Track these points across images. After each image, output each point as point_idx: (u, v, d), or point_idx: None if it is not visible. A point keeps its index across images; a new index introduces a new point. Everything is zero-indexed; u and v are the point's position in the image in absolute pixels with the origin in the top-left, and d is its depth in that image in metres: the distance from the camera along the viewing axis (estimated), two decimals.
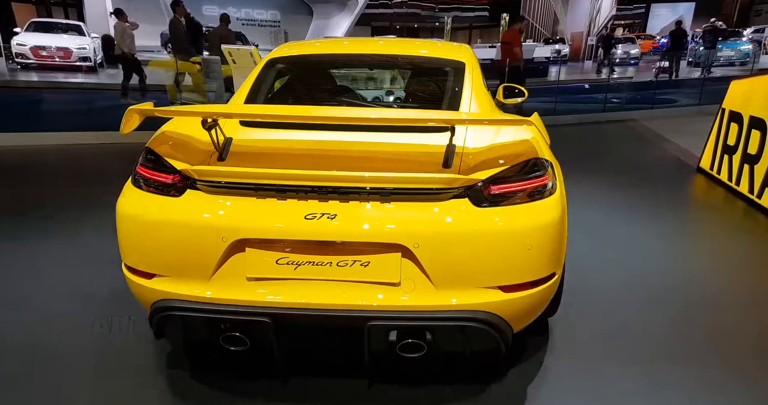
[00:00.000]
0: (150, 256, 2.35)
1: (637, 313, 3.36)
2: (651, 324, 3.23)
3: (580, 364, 2.83)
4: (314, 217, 2.21)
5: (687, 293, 3.65)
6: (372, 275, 2.26)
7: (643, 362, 2.86)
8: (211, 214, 2.25)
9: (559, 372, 2.77)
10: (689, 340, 3.08)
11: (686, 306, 3.48)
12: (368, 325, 2.24)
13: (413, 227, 2.22)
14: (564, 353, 2.92)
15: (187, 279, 2.32)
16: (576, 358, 2.88)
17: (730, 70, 21.54)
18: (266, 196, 2.26)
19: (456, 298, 2.27)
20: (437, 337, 2.33)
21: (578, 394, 2.62)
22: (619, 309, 3.41)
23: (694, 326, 3.23)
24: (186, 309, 2.30)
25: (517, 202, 2.32)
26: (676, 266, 4.15)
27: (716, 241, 4.75)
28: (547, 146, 2.71)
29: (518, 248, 2.28)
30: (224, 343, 2.38)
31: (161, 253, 2.32)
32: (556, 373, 2.76)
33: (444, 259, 2.23)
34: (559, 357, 2.88)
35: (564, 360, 2.86)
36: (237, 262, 2.29)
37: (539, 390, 2.64)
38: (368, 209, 2.24)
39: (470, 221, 2.24)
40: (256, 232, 2.23)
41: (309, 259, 2.26)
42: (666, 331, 3.17)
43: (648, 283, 3.78)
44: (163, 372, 2.74)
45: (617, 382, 2.70)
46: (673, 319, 3.31)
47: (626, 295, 3.59)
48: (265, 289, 2.29)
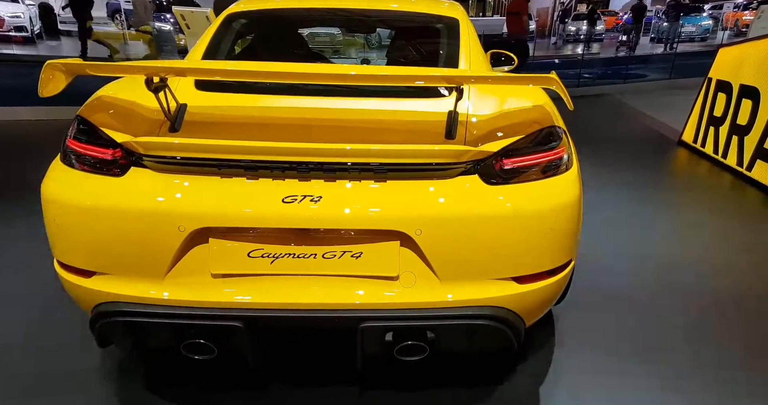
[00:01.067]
0: (87, 250, 1.91)
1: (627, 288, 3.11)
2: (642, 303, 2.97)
3: (588, 354, 2.53)
4: (294, 201, 1.81)
5: (682, 271, 3.39)
6: (365, 268, 1.88)
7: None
8: (163, 198, 1.82)
9: (570, 366, 2.46)
10: (684, 319, 2.81)
11: (679, 283, 3.21)
12: (361, 326, 1.87)
13: (414, 210, 1.83)
14: (570, 339, 2.61)
15: (135, 277, 1.89)
16: (580, 341, 2.58)
17: (692, 45, 21.65)
18: (233, 175, 1.84)
19: (464, 293, 1.91)
20: (441, 338, 1.97)
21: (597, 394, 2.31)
22: (610, 283, 3.13)
23: (691, 305, 2.96)
24: (135, 314, 1.88)
25: (532, 179, 1.96)
26: (668, 243, 3.89)
27: (705, 216, 4.52)
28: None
29: (537, 232, 1.93)
30: (186, 351, 1.97)
31: (101, 246, 1.88)
32: (568, 369, 2.44)
33: (451, 247, 1.86)
34: (567, 347, 2.57)
35: (571, 347, 2.55)
36: (198, 255, 1.87)
37: (554, 391, 2.32)
38: (359, 190, 1.85)
39: (482, 202, 1.87)
40: (221, 219, 1.81)
41: (288, 250, 1.87)
42: (659, 307, 2.89)
43: (641, 260, 3.51)
44: (111, 384, 2.31)
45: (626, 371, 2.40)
46: (658, 293, 3.10)
47: (615, 271, 3.32)
48: (235, 288, 1.89)
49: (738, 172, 5.24)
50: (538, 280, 1.99)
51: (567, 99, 1.93)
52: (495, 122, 2.06)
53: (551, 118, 2.10)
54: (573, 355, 2.54)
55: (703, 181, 5.49)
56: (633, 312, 2.93)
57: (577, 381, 2.39)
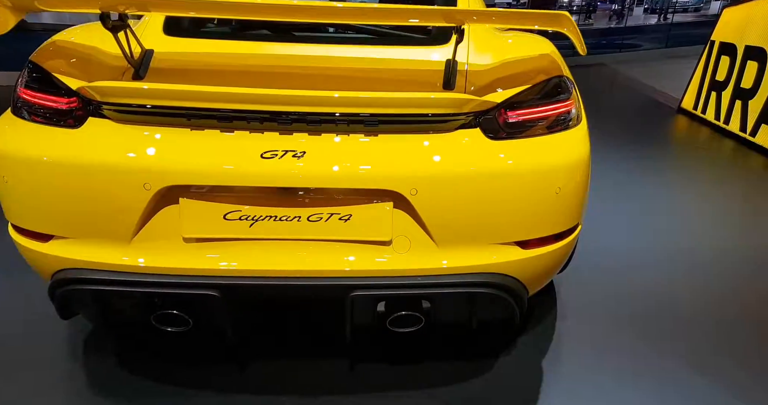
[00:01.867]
0: (43, 211, 1.71)
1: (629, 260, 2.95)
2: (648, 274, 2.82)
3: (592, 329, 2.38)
4: (274, 156, 1.61)
5: (686, 241, 3.24)
6: (355, 232, 1.70)
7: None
8: (124, 152, 1.61)
9: (571, 338, 2.31)
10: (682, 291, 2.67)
11: (682, 253, 3.07)
12: (351, 295, 1.70)
13: (410, 167, 1.64)
14: (572, 315, 2.46)
15: (97, 241, 1.70)
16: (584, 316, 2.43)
17: (685, 16, 21.30)
18: (204, 127, 1.64)
19: (463, 259, 1.74)
20: (438, 307, 1.80)
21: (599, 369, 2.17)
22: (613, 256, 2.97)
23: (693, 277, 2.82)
24: (97, 281, 1.69)
25: (538, 134, 1.77)
26: (672, 212, 3.74)
27: (709, 182, 4.36)
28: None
29: (544, 192, 1.75)
30: (158, 323, 1.79)
31: (58, 207, 1.68)
32: (569, 342, 2.29)
33: (449, 208, 1.68)
34: (568, 320, 2.42)
35: (573, 318, 2.40)
36: (168, 217, 1.68)
37: (556, 366, 2.16)
38: (348, 145, 1.65)
39: (484, 158, 1.68)
40: (191, 176, 1.61)
41: (269, 212, 1.67)
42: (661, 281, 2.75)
43: (645, 230, 3.35)
44: (80, 358, 2.14)
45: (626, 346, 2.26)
46: (659, 261, 2.93)
47: (618, 242, 3.17)
48: (210, 254, 1.70)
49: (741, 137, 5.07)
50: (543, 245, 1.82)
51: (579, 42, 1.73)
52: (497, 72, 1.86)
53: (559, 68, 1.90)
54: (575, 327, 2.39)
55: (704, 147, 5.32)
56: (633, 279, 2.77)
57: (579, 353, 2.24)
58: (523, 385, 2.06)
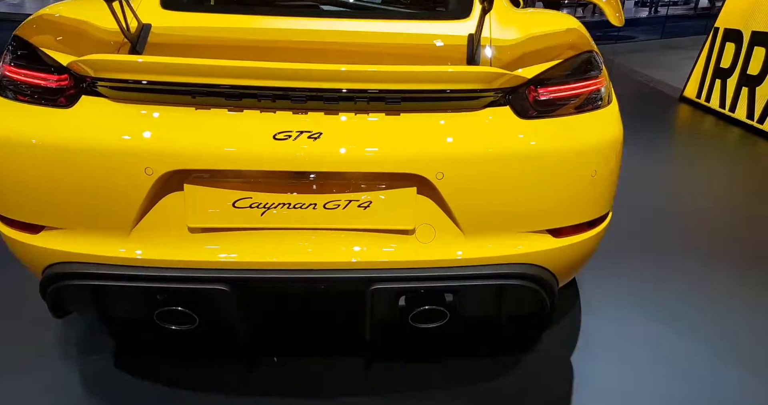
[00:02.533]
0: (32, 199, 1.55)
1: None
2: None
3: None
4: (288, 137, 1.47)
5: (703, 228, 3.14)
6: (375, 220, 1.56)
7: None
8: (123, 133, 1.47)
9: (600, 332, 2.18)
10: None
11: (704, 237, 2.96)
12: (371, 289, 1.56)
13: (435, 149, 1.51)
14: (595, 306, 2.34)
15: (93, 232, 1.55)
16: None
17: (675, 9, 21.31)
18: (211, 105, 1.49)
19: (492, 249, 1.61)
20: (464, 301, 1.67)
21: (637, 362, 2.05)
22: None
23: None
24: (94, 276, 1.55)
25: (571, 113, 1.64)
26: (683, 196, 3.63)
27: (716, 170, 4.25)
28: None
29: (580, 176, 1.62)
30: (161, 321, 1.65)
31: (49, 194, 1.53)
32: (598, 337, 2.17)
33: (478, 193, 1.55)
34: (593, 308, 2.30)
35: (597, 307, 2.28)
36: (172, 205, 1.53)
37: (586, 362, 2.04)
38: (368, 124, 1.51)
39: (515, 139, 1.55)
40: (198, 159, 1.47)
41: (282, 199, 1.54)
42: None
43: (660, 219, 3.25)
44: (75, 360, 1.99)
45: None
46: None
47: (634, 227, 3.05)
48: (218, 245, 1.56)
49: (748, 125, 4.98)
50: (576, 234, 1.69)
51: (616, 12, 1.60)
52: (523, 47, 1.73)
53: (588, 43, 1.77)
54: (600, 316, 2.27)
55: (710, 135, 5.23)
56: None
57: (608, 346, 2.12)
58: (554, 384, 1.93)
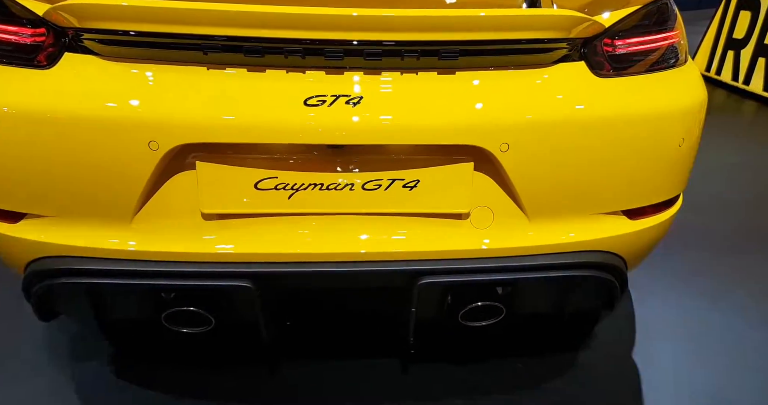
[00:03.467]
0: (9, 180, 1.28)
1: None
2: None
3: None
4: (322, 102, 1.20)
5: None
6: (423, 203, 1.32)
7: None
8: (119, 98, 1.19)
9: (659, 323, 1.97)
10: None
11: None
12: (419, 284, 1.32)
13: (500, 115, 1.25)
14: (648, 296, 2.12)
15: (86, 220, 1.29)
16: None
17: None
18: (226, 63, 1.22)
19: (560, 234, 1.37)
20: (526, 296, 1.45)
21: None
22: None
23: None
24: (89, 273, 1.29)
25: (651, 69, 1.39)
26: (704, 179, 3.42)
27: (734, 145, 4.02)
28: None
29: (667, 145, 1.38)
30: (171, 323, 1.40)
31: (30, 174, 1.25)
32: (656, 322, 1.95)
33: (549, 168, 1.30)
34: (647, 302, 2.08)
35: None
36: (182, 187, 1.27)
37: (651, 361, 1.82)
38: (418, 85, 1.25)
39: (595, 101, 1.30)
40: (212, 131, 1.20)
41: (313, 179, 1.28)
42: None
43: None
44: (69, 364, 1.73)
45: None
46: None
47: None
48: (239, 234, 1.31)
49: (765, 98, 4.76)
50: (654, 215, 1.47)
51: None
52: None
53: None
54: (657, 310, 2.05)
55: (723, 109, 5.01)
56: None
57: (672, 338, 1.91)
58: (616, 387, 1.71)
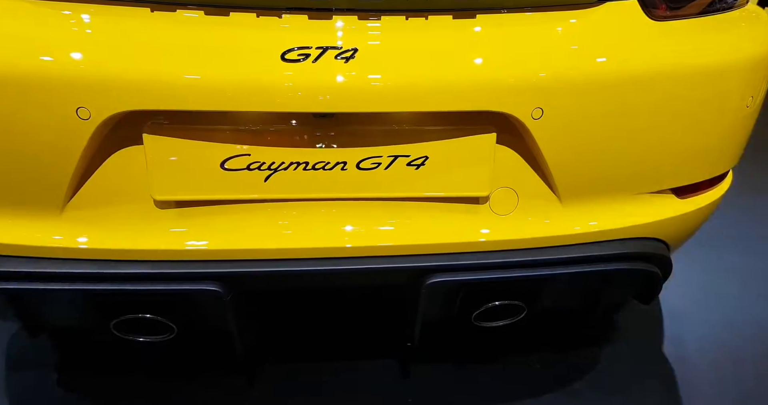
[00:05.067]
0: None
1: None
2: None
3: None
4: (305, 57, 0.92)
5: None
6: (432, 184, 1.06)
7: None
8: (37, 50, 0.90)
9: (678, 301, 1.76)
10: None
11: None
12: (427, 284, 1.07)
13: (532, 73, 0.98)
14: None
15: (4, 210, 1.01)
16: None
17: None
18: (177, 3, 0.92)
19: (600, 220, 1.12)
20: (552, 292, 1.21)
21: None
22: None
23: None
24: (9, 276, 1.02)
25: (715, 9, 1.12)
26: None
27: None
28: None
29: (734, 105, 1.13)
30: (121, 332, 1.15)
31: None
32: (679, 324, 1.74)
33: (590, 138, 1.04)
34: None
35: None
36: (126, 166, 1.00)
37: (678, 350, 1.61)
38: (428, 33, 0.97)
39: (650, 51, 1.03)
40: (162, 95, 0.91)
41: (296, 156, 1.01)
42: None
43: None
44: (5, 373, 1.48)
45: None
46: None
47: None
48: (203, 226, 1.04)
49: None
50: (706, 191, 1.23)
51: None
52: None
53: None
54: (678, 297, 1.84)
55: None
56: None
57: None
58: (644, 391, 1.50)
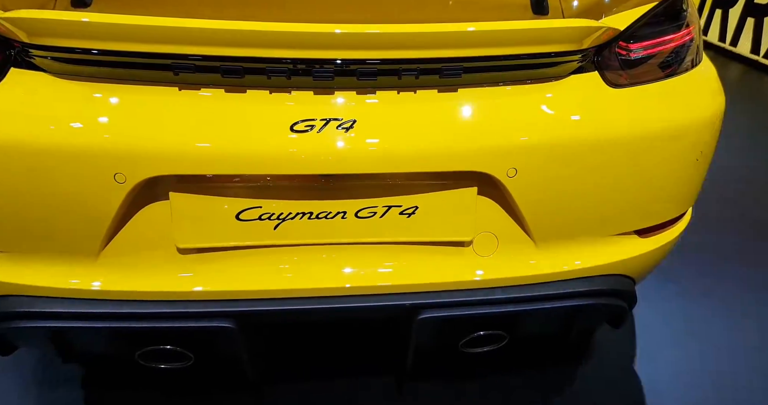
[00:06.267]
0: None
1: None
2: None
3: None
4: (311, 128, 1.06)
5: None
6: (422, 231, 1.20)
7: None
8: (77, 126, 1.03)
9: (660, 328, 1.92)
10: None
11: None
12: (418, 319, 1.22)
13: (509, 137, 1.13)
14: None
15: (46, 256, 1.15)
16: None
17: None
18: (202, 84, 1.06)
19: (570, 259, 1.27)
20: (529, 323, 1.36)
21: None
22: None
23: None
24: (50, 316, 1.16)
25: (670, 74, 1.27)
26: None
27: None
28: None
29: (686, 159, 1.28)
30: (145, 360, 1.29)
31: None
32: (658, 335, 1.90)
33: (559, 191, 1.19)
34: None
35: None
36: (153, 219, 1.13)
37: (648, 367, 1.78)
38: (418, 105, 1.11)
39: (611, 116, 1.18)
40: (187, 162, 1.05)
41: (301, 207, 1.15)
42: None
43: None
44: (32, 391, 1.62)
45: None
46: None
47: None
48: (219, 270, 1.18)
49: (752, 60, 4.67)
50: (665, 230, 1.38)
51: None
52: None
53: None
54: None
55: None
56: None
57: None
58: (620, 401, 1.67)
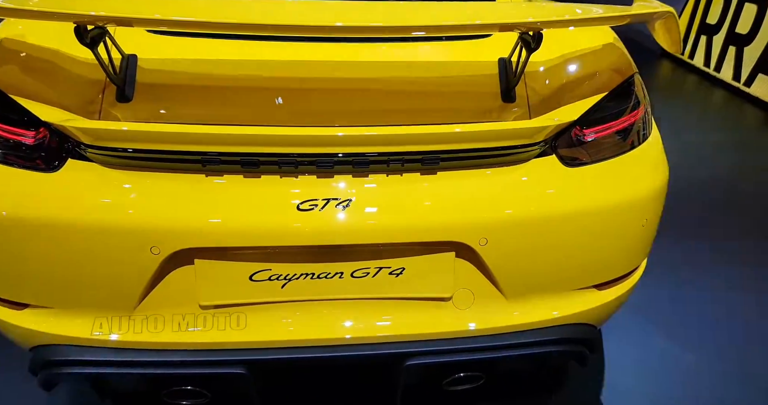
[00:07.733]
0: (11, 274, 1.33)
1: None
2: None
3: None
4: (314, 207, 1.27)
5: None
6: (408, 288, 1.41)
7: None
8: (121, 206, 1.24)
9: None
10: None
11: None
12: (406, 365, 1.42)
13: (479, 213, 1.34)
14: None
15: (89, 312, 1.35)
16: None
17: None
18: (224, 172, 1.27)
19: (538, 312, 1.48)
20: (503, 365, 1.56)
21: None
22: None
23: None
24: (90, 363, 1.36)
25: (619, 152, 1.48)
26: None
27: (700, 136, 4.13)
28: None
29: (632, 226, 1.49)
30: (169, 399, 1.50)
31: (32, 270, 1.31)
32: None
33: (525, 255, 1.40)
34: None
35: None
36: (181, 281, 1.34)
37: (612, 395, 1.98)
38: (403, 186, 1.33)
39: (566, 193, 1.39)
40: (213, 237, 1.27)
41: (305, 269, 1.36)
42: None
43: None
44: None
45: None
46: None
47: None
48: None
49: (733, 87, 4.88)
50: (619, 283, 1.58)
51: (677, 42, 1.41)
52: (560, 72, 1.51)
53: (630, 63, 1.59)
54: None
55: (692, 97, 5.12)
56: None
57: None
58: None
